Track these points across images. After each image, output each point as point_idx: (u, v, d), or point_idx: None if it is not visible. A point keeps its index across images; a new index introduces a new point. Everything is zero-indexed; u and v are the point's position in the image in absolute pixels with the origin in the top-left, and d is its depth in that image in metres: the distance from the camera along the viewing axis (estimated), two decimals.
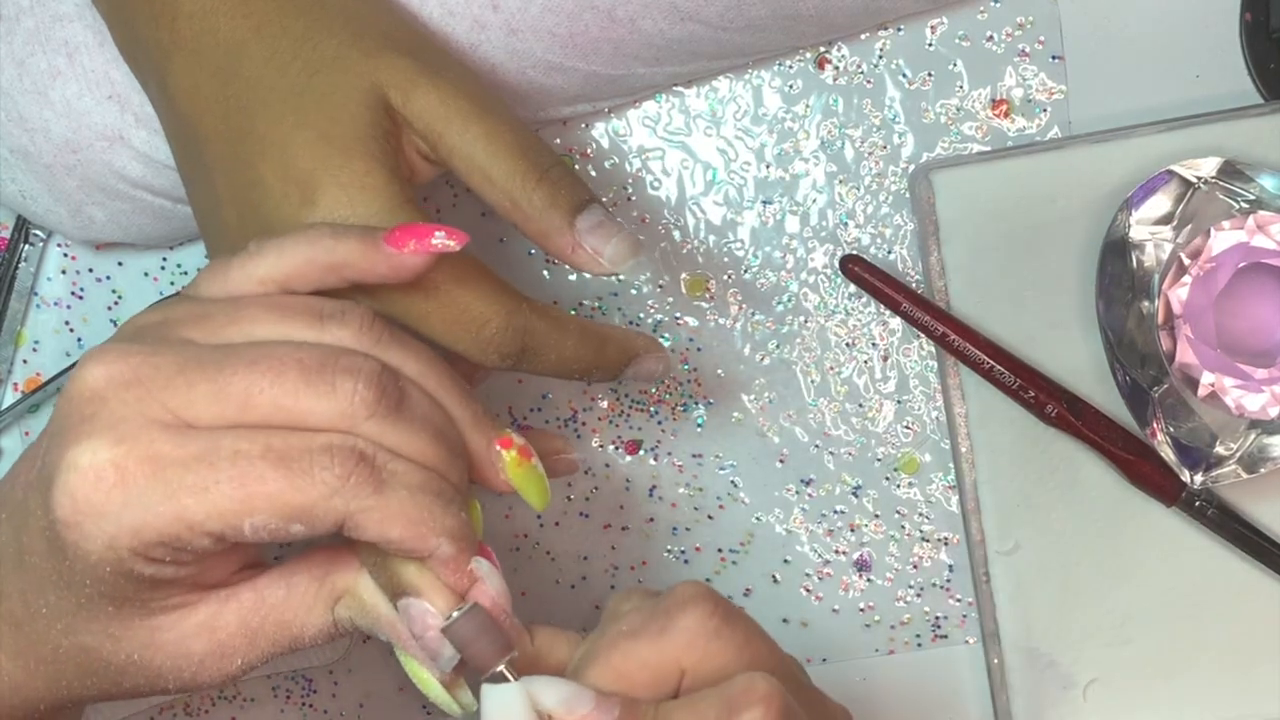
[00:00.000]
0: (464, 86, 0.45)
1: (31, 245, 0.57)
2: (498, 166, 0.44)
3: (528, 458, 0.42)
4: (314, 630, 0.41)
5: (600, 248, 0.45)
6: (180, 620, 0.40)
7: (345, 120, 0.43)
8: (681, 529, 0.57)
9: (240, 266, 0.41)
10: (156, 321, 0.40)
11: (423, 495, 0.38)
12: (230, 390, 0.37)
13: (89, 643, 0.39)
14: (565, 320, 0.45)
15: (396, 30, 0.46)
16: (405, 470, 0.38)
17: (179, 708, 0.59)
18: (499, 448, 0.42)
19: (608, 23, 0.50)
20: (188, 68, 0.45)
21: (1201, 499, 0.54)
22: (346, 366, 0.38)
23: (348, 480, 0.37)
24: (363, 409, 0.37)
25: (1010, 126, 0.56)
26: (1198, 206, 0.51)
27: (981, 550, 0.55)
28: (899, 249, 0.56)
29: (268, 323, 0.39)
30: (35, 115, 0.51)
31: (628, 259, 0.45)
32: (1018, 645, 0.55)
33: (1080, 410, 0.54)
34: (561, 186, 0.44)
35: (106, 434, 0.36)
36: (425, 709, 0.58)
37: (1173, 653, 0.55)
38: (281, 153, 0.43)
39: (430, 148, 0.44)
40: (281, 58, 0.44)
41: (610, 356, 0.46)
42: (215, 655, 0.40)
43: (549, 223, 0.44)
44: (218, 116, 0.44)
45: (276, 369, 0.37)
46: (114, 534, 0.36)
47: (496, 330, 0.43)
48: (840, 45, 0.55)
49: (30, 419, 0.58)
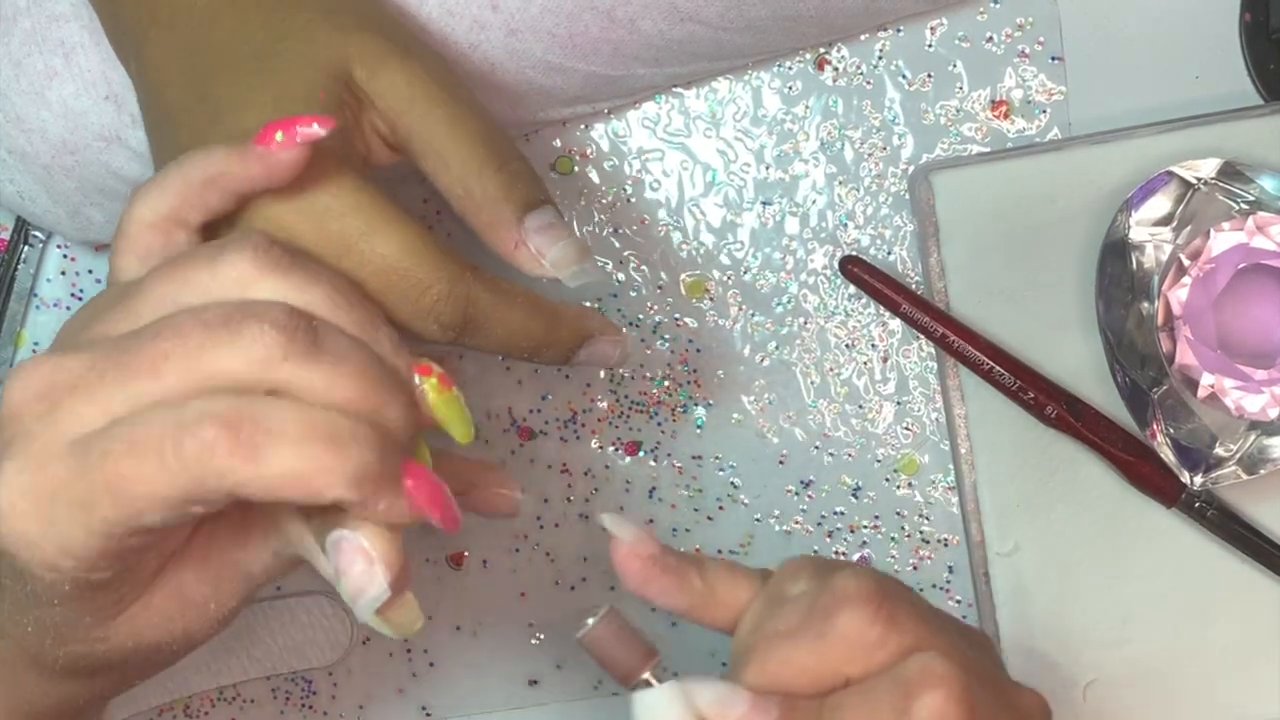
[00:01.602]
0: (433, 70, 0.44)
1: (31, 246, 0.57)
2: (456, 151, 0.43)
3: (448, 386, 0.39)
4: (260, 567, 0.40)
5: (544, 249, 0.43)
6: (150, 600, 0.39)
7: (302, 85, 0.42)
8: (681, 530, 0.57)
9: (128, 217, 0.40)
10: (83, 320, 0.38)
11: (307, 445, 0.35)
12: (137, 365, 0.35)
13: (81, 650, 0.39)
14: (513, 292, 0.43)
15: (370, 11, 0.46)
16: (290, 419, 0.35)
17: (179, 709, 0.59)
18: (418, 376, 0.38)
19: (607, 23, 0.50)
20: (161, 41, 0.44)
21: (1201, 500, 0.54)
22: (251, 312, 0.35)
23: (214, 453, 0.34)
24: (276, 351, 0.35)
25: (1010, 127, 0.56)
26: (1197, 207, 0.51)
27: (981, 551, 0.55)
28: (899, 250, 0.56)
29: (168, 283, 0.37)
30: (32, 116, 0.51)
31: (572, 264, 0.43)
32: (1018, 645, 0.55)
33: (1080, 411, 0.54)
34: (519, 180, 0.43)
35: (15, 460, 0.35)
36: (425, 711, 0.58)
37: (1173, 653, 0.55)
38: (234, 114, 0.42)
39: (390, 128, 0.43)
40: (250, 26, 0.43)
41: (561, 335, 0.44)
42: (194, 611, 0.39)
43: (497, 214, 0.43)
44: (180, 86, 0.43)
45: (179, 331, 0.35)
46: (49, 558, 0.35)
47: (437, 297, 0.41)
48: (840, 46, 0.55)
49: None
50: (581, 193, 0.56)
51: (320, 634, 0.58)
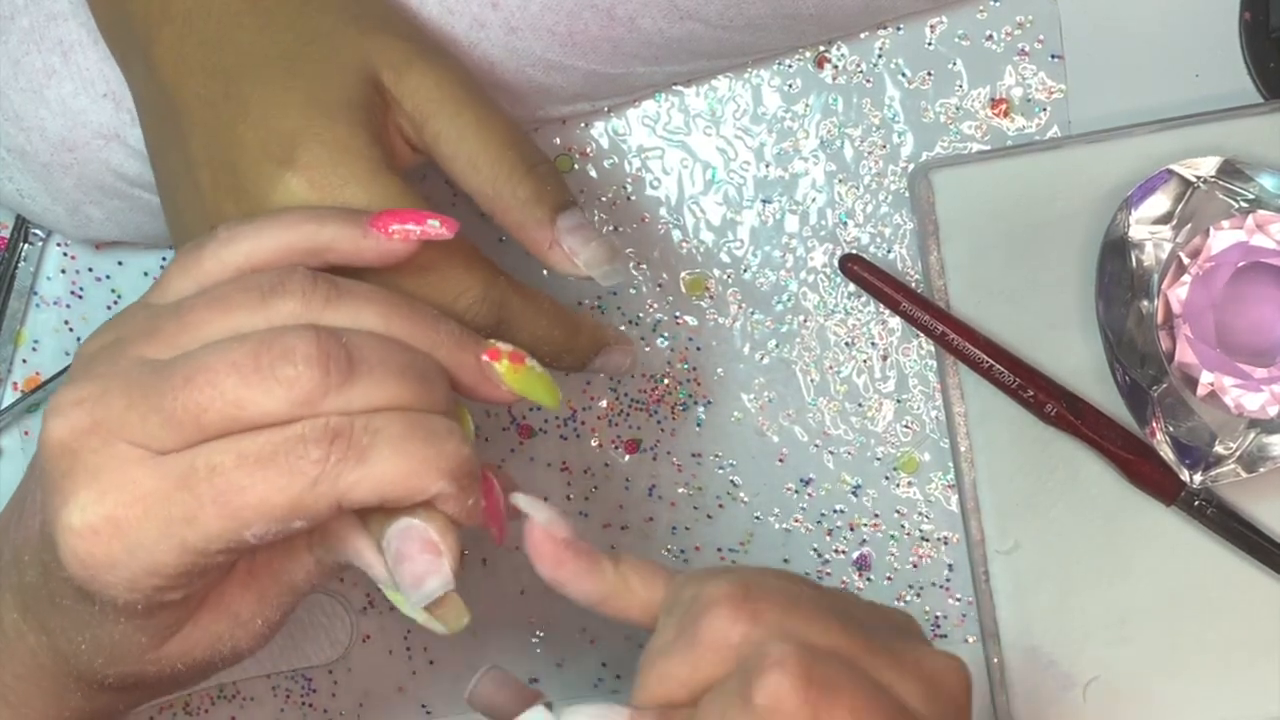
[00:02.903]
0: (459, 74, 0.44)
1: (31, 244, 0.57)
2: (486, 154, 0.43)
3: (520, 362, 0.41)
4: (303, 575, 0.41)
5: (577, 249, 0.44)
6: (200, 618, 0.40)
7: (334, 86, 0.42)
8: (681, 528, 0.57)
9: (214, 254, 0.39)
10: (110, 343, 0.38)
11: (409, 443, 0.36)
12: (178, 415, 0.35)
13: (132, 670, 0.40)
14: (541, 300, 0.45)
15: (394, 15, 0.46)
16: (385, 423, 0.36)
17: (178, 707, 0.59)
18: (489, 360, 0.40)
19: (607, 21, 0.50)
20: (176, 38, 0.44)
21: (1201, 498, 0.54)
22: (281, 353, 0.36)
23: (327, 462, 0.35)
24: (316, 390, 0.36)
25: (1010, 126, 0.56)
26: (1197, 206, 0.51)
27: (981, 549, 0.55)
28: (898, 248, 0.56)
29: (213, 321, 0.37)
30: (31, 114, 0.51)
31: (603, 264, 0.45)
32: (1017, 644, 0.55)
33: (1080, 409, 0.54)
34: (548, 182, 0.44)
35: (89, 487, 0.36)
36: (425, 709, 0.58)
37: (1173, 652, 0.55)
38: (265, 113, 0.42)
39: (416, 130, 0.44)
40: (275, 27, 0.43)
41: (581, 343, 0.46)
42: (243, 628, 0.40)
43: (530, 215, 0.44)
44: (199, 82, 0.43)
45: (212, 380, 0.35)
46: (132, 578, 0.36)
47: (474, 300, 0.43)
48: (840, 44, 0.55)
49: (29, 419, 0.58)
50: (581, 191, 0.56)
51: (320, 632, 0.58)
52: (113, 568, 0.36)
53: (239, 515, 0.35)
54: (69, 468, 0.36)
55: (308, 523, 0.36)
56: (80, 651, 0.39)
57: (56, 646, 0.40)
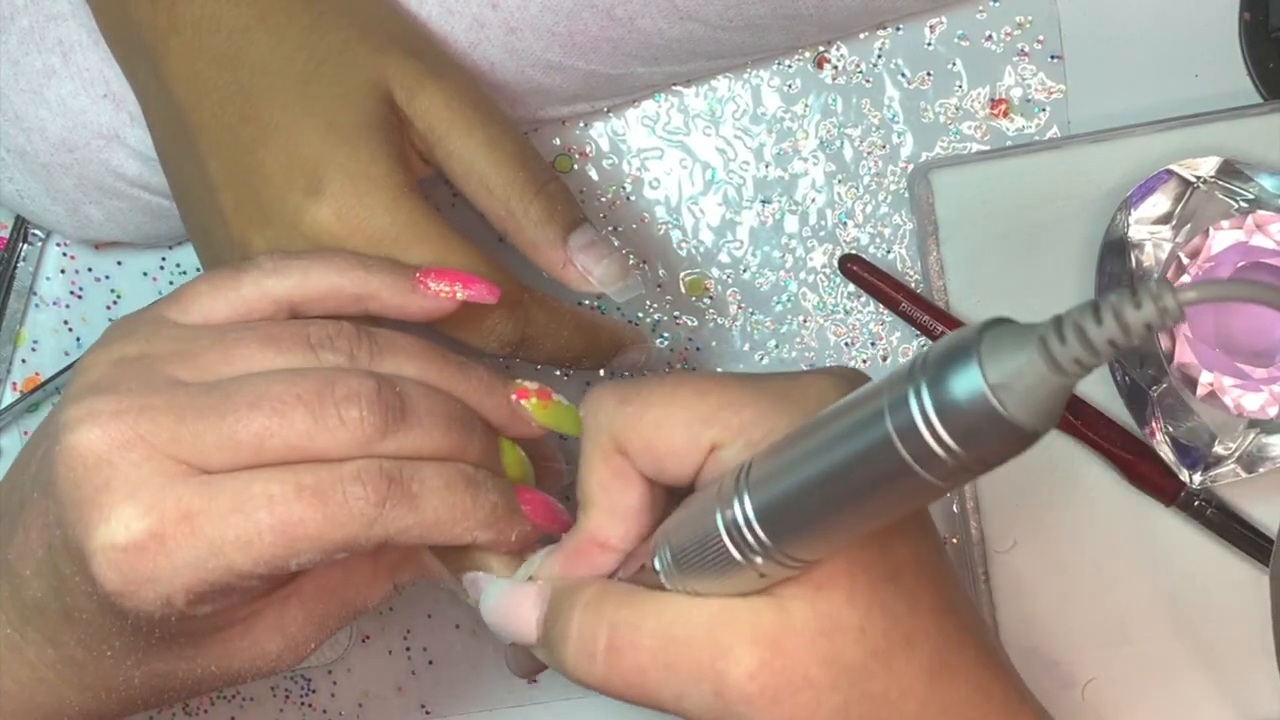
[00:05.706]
0: (468, 92, 0.45)
1: (30, 244, 0.57)
2: (498, 175, 0.44)
3: (548, 398, 0.43)
4: (376, 600, 0.42)
5: (591, 267, 0.45)
6: (250, 628, 0.40)
7: (351, 109, 0.43)
8: None
9: (255, 282, 0.40)
10: (135, 356, 0.38)
11: (452, 494, 0.38)
12: (240, 437, 0.36)
13: (163, 668, 0.40)
14: (563, 311, 0.46)
15: (402, 32, 0.47)
16: (432, 473, 0.38)
17: (178, 707, 0.59)
18: (518, 400, 0.42)
19: (607, 21, 0.50)
20: (186, 53, 0.44)
21: (1200, 498, 0.54)
22: (346, 394, 0.37)
23: (383, 505, 0.37)
24: (375, 433, 0.37)
25: (1009, 126, 0.56)
26: (1197, 206, 0.51)
27: (980, 550, 0.55)
28: (898, 248, 0.56)
29: (264, 358, 0.38)
30: (31, 114, 0.51)
31: (617, 280, 0.46)
32: (1017, 644, 0.55)
33: (1079, 410, 0.54)
34: (558, 202, 0.45)
35: (132, 502, 0.36)
36: (425, 709, 0.58)
37: (1172, 653, 0.55)
38: (286, 139, 0.43)
39: (427, 149, 0.45)
40: (288, 46, 0.44)
41: (601, 345, 0.48)
42: (290, 649, 0.41)
43: (543, 236, 0.45)
44: (215, 102, 0.44)
45: (279, 409, 0.36)
46: (169, 593, 0.36)
47: (499, 318, 0.44)
48: (839, 45, 0.55)
49: (29, 418, 0.58)
50: (581, 191, 0.56)
51: None
52: (153, 582, 0.36)
53: (294, 545, 0.36)
54: (106, 481, 0.36)
55: (351, 555, 0.37)
56: (104, 657, 0.39)
57: (70, 657, 0.39)
